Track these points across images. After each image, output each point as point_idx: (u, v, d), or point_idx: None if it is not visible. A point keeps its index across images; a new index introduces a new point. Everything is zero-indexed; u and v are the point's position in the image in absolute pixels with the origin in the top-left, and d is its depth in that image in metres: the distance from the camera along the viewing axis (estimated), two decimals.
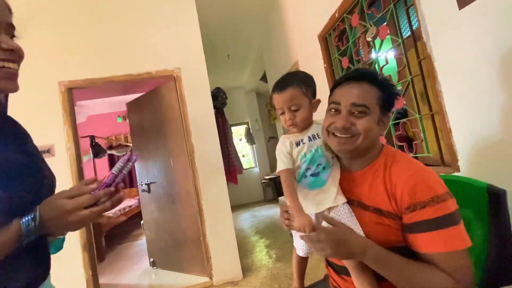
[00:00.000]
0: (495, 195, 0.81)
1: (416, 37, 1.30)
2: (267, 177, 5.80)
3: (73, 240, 2.10)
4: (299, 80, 0.84)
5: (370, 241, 0.67)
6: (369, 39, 1.58)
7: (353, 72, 0.78)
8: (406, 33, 1.37)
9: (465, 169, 1.12)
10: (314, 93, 0.86)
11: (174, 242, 2.66)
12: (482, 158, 1.06)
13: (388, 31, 1.45)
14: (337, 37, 1.99)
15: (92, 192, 0.54)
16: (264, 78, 4.59)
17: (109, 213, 4.14)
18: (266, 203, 5.59)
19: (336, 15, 1.87)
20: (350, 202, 0.78)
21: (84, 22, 2.31)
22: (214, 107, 2.50)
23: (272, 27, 3.33)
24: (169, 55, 2.38)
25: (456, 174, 1.14)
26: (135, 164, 2.96)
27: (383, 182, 0.71)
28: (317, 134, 0.84)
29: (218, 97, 2.74)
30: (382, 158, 0.75)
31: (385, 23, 1.46)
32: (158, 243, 2.84)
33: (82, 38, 2.29)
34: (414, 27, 1.30)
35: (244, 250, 3.07)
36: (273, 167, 6.13)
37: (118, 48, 2.33)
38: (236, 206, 5.63)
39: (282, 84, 0.84)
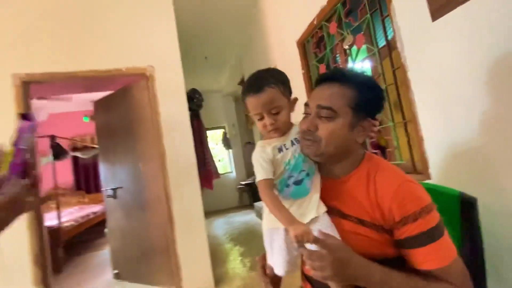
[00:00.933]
0: (467, 203, 0.82)
1: (391, 46, 1.33)
2: (243, 182, 5.72)
3: (21, 253, 1.85)
4: (275, 79, 0.74)
5: (370, 261, 0.61)
6: (346, 47, 1.61)
7: (326, 73, 0.74)
8: (382, 42, 1.40)
9: (436, 177, 1.15)
10: (290, 91, 0.78)
11: (141, 252, 2.48)
12: (453, 166, 1.09)
13: (364, 40, 1.47)
14: (315, 44, 2.00)
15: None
16: (242, 83, 4.55)
17: (71, 220, 3.81)
18: (241, 209, 5.50)
19: (315, 22, 1.89)
20: (328, 211, 0.73)
21: (48, 8, 2.10)
22: (190, 109, 2.39)
23: (252, 31, 3.31)
24: (142, 51, 2.25)
25: (427, 181, 1.17)
26: (101, 168, 2.74)
27: (366, 191, 0.67)
28: (296, 138, 0.77)
29: (194, 99, 2.64)
30: (364, 166, 0.71)
31: (362, 32, 1.48)
32: (124, 253, 2.63)
33: (44, 25, 2.08)
34: (389, 37, 1.33)
35: (217, 258, 2.95)
36: (249, 172, 6.07)
37: (85, 40, 2.16)
38: (210, 212, 5.46)
39: (257, 84, 0.73)
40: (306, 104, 0.73)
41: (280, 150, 0.74)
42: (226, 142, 5.74)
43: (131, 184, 2.51)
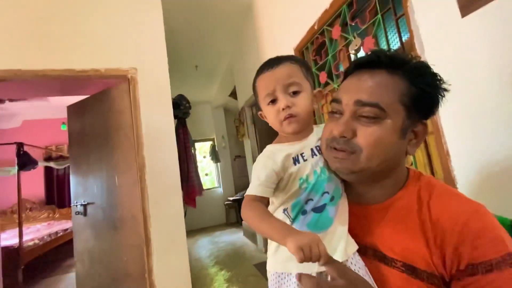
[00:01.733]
0: None
1: (406, 49, 1.19)
2: (231, 198, 5.42)
3: None
4: (296, 59, 0.58)
5: None
6: (352, 51, 1.46)
7: (366, 57, 0.52)
8: (394, 45, 1.26)
9: None
10: (314, 81, 0.60)
11: (112, 278, 2.14)
12: (487, 187, 0.91)
13: (374, 43, 1.33)
14: (315, 51, 1.86)
15: None
16: (233, 94, 4.38)
17: (35, 238, 3.39)
18: (228, 227, 5.17)
19: (315, 27, 1.75)
20: (361, 250, 0.52)
21: None
22: (175, 116, 2.17)
23: (244, 40, 3.18)
24: (124, 52, 2.03)
25: None
26: (71, 180, 2.43)
27: (419, 224, 0.46)
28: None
29: (181, 106, 2.42)
30: (412, 187, 0.51)
31: (371, 35, 1.34)
32: (91, 279, 2.28)
33: (11, 17, 1.84)
34: (404, 39, 1.19)
35: (200, 285, 2.63)
36: (238, 187, 5.79)
37: (59, 35, 1.92)
38: (194, 231, 5.10)
39: (274, 60, 0.57)
40: (336, 101, 0.53)
41: (295, 161, 0.53)
42: (215, 155, 5.49)
43: (104, 200, 2.20)
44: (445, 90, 0.49)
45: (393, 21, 1.21)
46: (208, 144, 5.96)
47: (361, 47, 1.38)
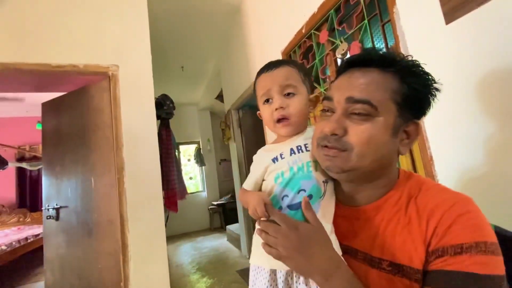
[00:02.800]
0: (503, 239, 0.64)
1: None
2: (215, 203, 5.32)
3: None
4: (296, 63, 0.62)
5: (345, 263, 0.46)
6: (339, 56, 1.46)
7: (358, 55, 0.52)
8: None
9: None
10: (311, 88, 0.62)
11: (84, 287, 2.01)
12: (469, 192, 0.92)
13: (360, 48, 1.33)
14: (302, 54, 1.86)
15: None
16: (220, 97, 4.33)
17: (2, 244, 3.15)
18: (212, 232, 5.05)
19: (303, 31, 1.75)
20: (350, 252, 0.51)
21: None
22: (158, 116, 2.09)
23: (232, 42, 3.16)
24: (105, 48, 1.94)
25: None
26: (44, 182, 2.28)
27: (407, 220, 0.46)
28: (304, 145, 0.57)
29: (164, 106, 2.34)
30: (402, 186, 0.50)
31: (358, 40, 1.35)
32: None
33: None
34: (389, 44, 1.20)
35: None
36: (222, 192, 5.70)
37: (34, 27, 1.80)
38: (176, 236, 4.95)
39: (274, 62, 0.60)
40: (327, 98, 0.52)
41: (274, 159, 0.56)
42: (200, 158, 5.38)
43: (79, 203, 2.07)
44: (437, 90, 0.49)
45: (379, 27, 1.22)
46: (193, 147, 5.84)
47: (348, 52, 1.39)
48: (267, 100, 0.59)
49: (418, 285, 0.43)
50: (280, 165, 0.55)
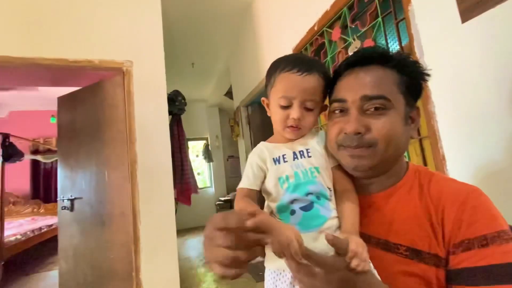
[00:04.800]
0: None
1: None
2: (222, 199, 5.38)
3: None
4: (325, 71, 0.57)
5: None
6: (351, 53, 1.46)
7: (355, 56, 0.54)
8: (394, 49, 1.27)
9: None
10: (326, 95, 0.60)
11: (97, 276, 2.07)
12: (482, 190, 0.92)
13: (374, 46, 1.33)
14: (313, 52, 1.86)
15: None
16: (229, 94, 4.36)
17: (17, 234, 3.27)
18: None
19: (315, 28, 1.75)
20: (364, 240, 0.50)
21: None
22: (170, 112, 2.12)
23: (242, 39, 3.17)
24: (120, 44, 1.99)
25: None
26: (59, 174, 2.35)
27: (422, 207, 0.48)
28: (306, 150, 0.56)
29: (176, 101, 2.38)
30: (413, 175, 0.53)
31: (371, 38, 1.35)
32: (75, 277, 2.20)
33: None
34: (403, 43, 1.20)
35: (188, 285, 2.58)
36: (230, 187, 5.75)
37: (52, 22, 1.85)
38: (184, 230, 5.03)
39: (308, 63, 0.55)
40: (338, 100, 0.54)
41: (276, 161, 0.55)
42: (208, 155, 5.44)
43: (93, 195, 2.14)
44: (427, 75, 0.53)
45: (393, 25, 1.22)
46: (201, 143, 5.90)
47: None
48: (287, 106, 0.55)
49: (435, 269, 0.44)
50: (283, 168, 0.54)
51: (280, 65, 0.57)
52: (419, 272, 0.45)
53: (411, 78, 0.51)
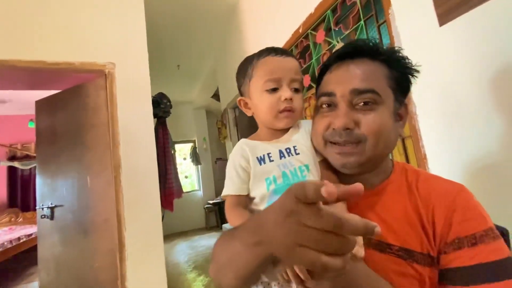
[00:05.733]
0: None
1: None
2: (211, 202, 5.32)
3: None
4: (296, 59, 0.59)
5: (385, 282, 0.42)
6: None
7: (345, 47, 0.53)
8: None
9: None
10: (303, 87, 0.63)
11: (80, 287, 1.99)
12: None
13: None
14: (299, 54, 1.88)
15: None
16: (216, 96, 4.33)
17: None
18: (207, 231, 5.05)
19: (300, 30, 1.77)
20: None
21: None
22: (155, 115, 2.08)
23: (228, 41, 3.16)
24: (102, 46, 1.93)
25: None
26: (37, 181, 2.25)
27: (412, 206, 0.48)
28: (293, 147, 0.53)
29: (161, 104, 2.33)
30: (399, 172, 0.53)
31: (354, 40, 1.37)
32: None
33: None
34: (385, 46, 1.23)
35: None
36: (218, 190, 5.70)
37: (29, 23, 1.77)
38: (173, 235, 4.94)
39: (282, 49, 0.57)
40: (326, 94, 0.52)
41: (261, 160, 0.52)
42: (195, 157, 5.37)
43: (75, 202, 2.06)
44: (416, 70, 0.52)
45: (375, 28, 1.25)
46: (188, 146, 5.82)
47: None
48: (273, 89, 0.53)
49: (429, 269, 0.44)
50: (270, 169, 0.51)
51: (254, 57, 0.57)
52: (412, 272, 0.44)
53: (401, 73, 0.50)
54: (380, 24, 1.21)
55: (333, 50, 1.47)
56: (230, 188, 0.52)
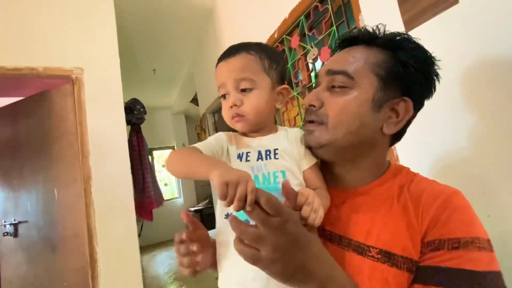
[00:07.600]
0: None
1: None
2: (192, 209, 5.19)
3: None
4: (259, 48, 0.53)
5: (340, 268, 0.40)
6: (310, 60, 1.50)
7: (348, 34, 0.54)
8: None
9: None
10: (282, 77, 0.55)
11: None
12: None
13: (330, 53, 1.38)
14: None
15: None
16: (195, 101, 4.25)
17: None
18: None
19: (276, 35, 1.78)
20: (334, 239, 0.48)
21: None
22: (128, 122, 1.99)
23: (205, 45, 3.12)
24: (68, 50, 1.82)
25: None
26: None
27: (400, 207, 0.45)
28: (274, 150, 0.50)
29: (134, 110, 2.24)
30: (393, 175, 0.50)
31: (327, 45, 1.39)
32: None
33: None
34: None
35: None
36: (200, 197, 5.59)
37: None
38: (151, 246, 4.76)
39: (234, 48, 0.53)
40: (316, 76, 0.54)
41: (239, 157, 0.50)
42: None
43: (40, 217, 1.91)
44: (428, 64, 0.48)
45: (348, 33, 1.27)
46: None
47: (318, 57, 1.43)
48: (223, 96, 0.53)
49: (408, 275, 0.40)
50: (244, 168, 0.47)
51: (218, 61, 0.56)
52: (389, 277, 0.41)
53: (402, 62, 0.46)
54: (351, 29, 1.24)
55: (308, 55, 1.49)
56: (200, 145, 0.50)
